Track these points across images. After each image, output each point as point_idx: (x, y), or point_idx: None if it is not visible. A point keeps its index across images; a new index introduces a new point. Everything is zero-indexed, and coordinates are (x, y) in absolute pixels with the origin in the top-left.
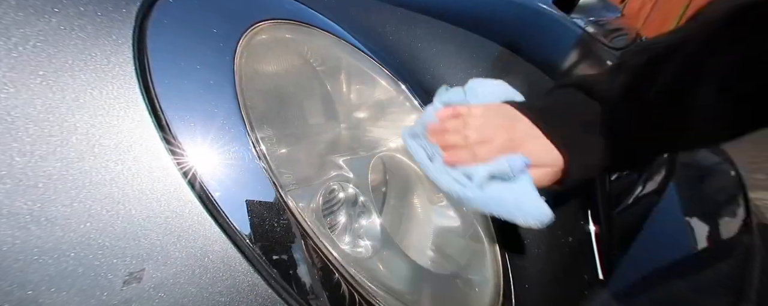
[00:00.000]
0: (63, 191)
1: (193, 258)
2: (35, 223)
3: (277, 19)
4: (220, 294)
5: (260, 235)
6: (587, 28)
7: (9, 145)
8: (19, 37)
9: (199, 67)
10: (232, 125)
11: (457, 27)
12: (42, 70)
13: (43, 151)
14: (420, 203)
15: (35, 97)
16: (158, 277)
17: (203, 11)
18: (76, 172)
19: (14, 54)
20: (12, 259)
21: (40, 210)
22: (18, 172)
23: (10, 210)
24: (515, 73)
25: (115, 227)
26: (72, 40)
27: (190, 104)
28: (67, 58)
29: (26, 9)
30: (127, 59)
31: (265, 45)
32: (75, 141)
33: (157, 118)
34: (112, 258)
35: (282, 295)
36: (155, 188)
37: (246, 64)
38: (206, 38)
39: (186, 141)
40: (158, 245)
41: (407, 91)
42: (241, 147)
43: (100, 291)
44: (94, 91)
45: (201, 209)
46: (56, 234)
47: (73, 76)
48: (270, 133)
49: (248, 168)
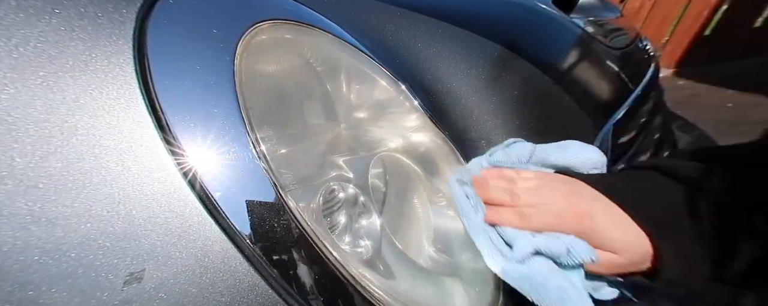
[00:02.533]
0: (64, 192)
1: (194, 258)
2: (36, 224)
3: (277, 19)
4: (221, 294)
5: (260, 236)
6: (587, 28)
7: (10, 146)
8: (20, 38)
9: (199, 67)
10: (232, 125)
11: (457, 27)
12: (43, 70)
13: (44, 151)
14: (420, 203)
15: (36, 98)
16: (159, 277)
17: (203, 12)
18: (76, 173)
19: (15, 55)
20: (13, 260)
21: (40, 210)
22: (19, 173)
23: (11, 210)
24: (515, 73)
25: (116, 228)
26: (72, 41)
27: (190, 105)
28: (67, 58)
29: (27, 10)
30: (128, 60)
31: (265, 45)
32: (75, 141)
33: (158, 119)
34: (112, 258)
35: (282, 296)
36: (155, 189)
37: (246, 64)
38: (206, 39)
39: (186, 141)
40: (159, 245)
41: (407, 91)
42: (241, 147)
43: (101, 291)
44: (95, 92)
45: (201, 209)
46: (57, 234)
47: (74, 76)
48: (270, 134)
49: (248, 168)
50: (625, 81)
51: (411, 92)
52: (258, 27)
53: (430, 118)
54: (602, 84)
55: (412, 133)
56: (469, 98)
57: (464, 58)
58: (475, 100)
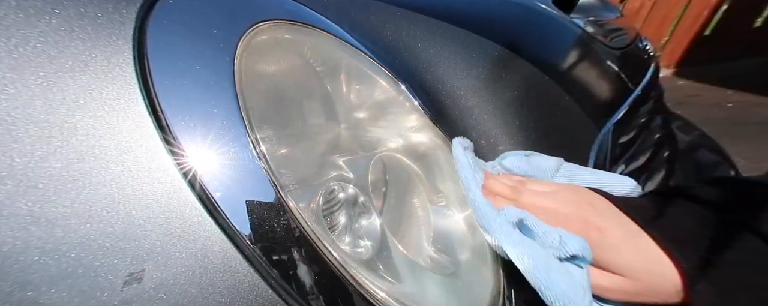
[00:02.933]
0: (63, 192)
1: (194, 258)
2: (36, 224)
3: (277, 19)
4: (221, 294)
5: (260, 236)
6: (587, 28)
7: (9, 146)
8: (20, 38)
9: (198, 67)
10: (231, 126)
11: (457, 27)
12: (42, 71)
13: (44, 151)
14: (420, 203)
15: (36, 98)
16: (158, 277)
17: (203, 12)
18: (76, 173)
19: (15, 55)
20: (13, 260)
21: (40, 211)
22: (18, 173)
23: (11, 211)
24: (515, 73)
25: (116, 228)
26: (72, 41)
27: (190, 105)
28: (67, 59)
29: (27, 10)
30: (128, 60)
31: (265, 45)
32: (75, 142)
33: (157, 119)
34: (112, 258)
35: (282, 296)
36: (155, 189)
37: (246, 64)
38: (206, 39)
39: (186, 141)
40: (158, 246)
41: (407, 91)
42: (241, 147)
43: (101, 292)
44: (95, 92)
45: (201, 210)
46: (57, 234)
47: (74, 77)
48: (270, 134)
49: (248, 168)
50: (625, 81)
51: (411, 92)
52: (258, 27)
53: (430, 118)
54: (602, 84)
55: (412, 133)
56: (469, 98)
57: (464, 58)
58: (475, 100)
